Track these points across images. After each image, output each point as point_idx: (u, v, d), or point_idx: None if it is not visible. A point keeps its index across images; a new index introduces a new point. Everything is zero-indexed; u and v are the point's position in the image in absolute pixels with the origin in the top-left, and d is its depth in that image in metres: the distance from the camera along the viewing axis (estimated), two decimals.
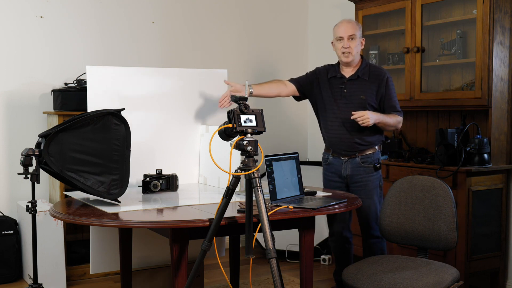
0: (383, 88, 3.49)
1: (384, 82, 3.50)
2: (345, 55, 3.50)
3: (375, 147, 3.55)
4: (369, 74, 3.52)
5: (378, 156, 3.56)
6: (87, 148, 2.80)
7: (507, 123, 3.89)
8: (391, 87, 3.52)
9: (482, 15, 3.75)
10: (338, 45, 3.53)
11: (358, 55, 3.55)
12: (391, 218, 3.15)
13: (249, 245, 2.49)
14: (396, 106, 3.53)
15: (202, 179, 3.65)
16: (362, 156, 3.52)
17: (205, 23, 5.12)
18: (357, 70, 3.54)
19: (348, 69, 3.57)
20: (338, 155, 3.58)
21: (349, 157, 3.54)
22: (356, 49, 3.50)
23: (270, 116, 5.41)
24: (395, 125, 3.51)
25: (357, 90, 3.51)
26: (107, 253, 3.52)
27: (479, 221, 3.77)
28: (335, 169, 3.60)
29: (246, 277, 4.17)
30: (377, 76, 3.51)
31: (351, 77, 3.54)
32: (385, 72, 3.55)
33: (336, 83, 3.58)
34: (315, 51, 5.59)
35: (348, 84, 3.54)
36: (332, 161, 3.61)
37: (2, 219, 4.17)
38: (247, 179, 2.47)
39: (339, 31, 3.52)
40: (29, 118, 4.42)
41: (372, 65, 3.59)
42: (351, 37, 3.49)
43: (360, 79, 3.52)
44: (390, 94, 3.51)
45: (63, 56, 4.52)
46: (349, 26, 3.50)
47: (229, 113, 2.50)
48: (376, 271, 2.84)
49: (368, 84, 3.50)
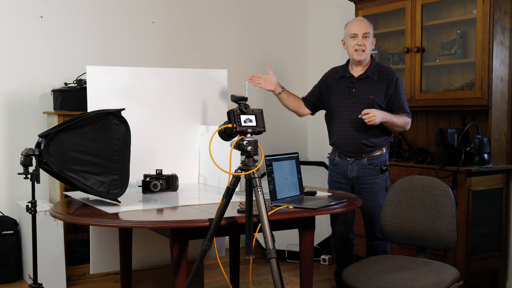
0: (392, 89, 3.47)
1: (393, 83, 3.48)
2: (358, 52, 3.47)
3: (383, 148, 3.53)
4: (379, 74, 3.50)
5: (385, 158, 3.53)
6: (87, 148, 2.80)
7: (507, 123, 3.89)
8: (400, 87, 3.50)
9: (482, 15, 3.75)
10: (351, 43, 3.49)
11: (369, 54, 3.54)
12: (391, 218, 3.15)
13: (249, 245, 2.49)
14: (405, 107, 3.50)
15: (202, 179, 3.65)
16: (369, 158, 3.50)
17: (205, 23, 5.12)
18: (366, 70, 3.52)
19: (358, 69, 3.55)
20: (344, 156, 3.56)
21: (355, 159, 3.52)
22: (369, 47, 3.49)
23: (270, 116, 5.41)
24: (402, 126, 3.47)
25: (365, 89, 3.49)
26: (107, 253, 3.52)
27: (479, 221, 3.77)
28: (341, 170, 3.58)
29: (246, 277, 4.17)
30: (387, 76, 3.49)
31: (360, 77, 3.53)
32: (395, 72, 3.53)
33: (345, 83, 3.56)
34: (315, 51, 5.59)
35: (356, 83, 3.52)
36: (339, 162, 3.59)
37: (2, 219, 4.17)
38: (247, 179, 2.47)
39: (353, 29, 3.49)
40: (29, 118, 4.42)
41: (382, 65, 3.57)
42: (365, 35, 3.47)
43: (369, 78, 3.51)
44: (399, 95, 3.49)
45: (63, 56, 4.52)
46: (364, 24, 3.49)
47: (229, 113, 2.50)
48: (376, 271, 2.84)
49: (377, 84, 3.48)
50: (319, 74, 5.67)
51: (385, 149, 3.55)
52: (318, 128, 5.17)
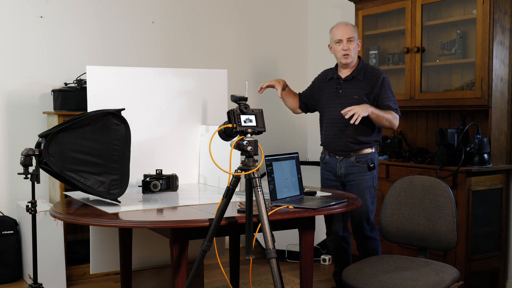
0: (378, 88, 3.51)
1: (379, 83, 3.52)
2: (345, 56, 3.56)
3: (371, 148, 3.56)
4: (365, 74, 3.57)
5: (372, 157, 3.56)
6: (87, 148, 2.80)
7: (507, 123, 3.89)
8: (386, 87, 3.52)
9: (482, 15, 3.75)
10: (337, 48, 3.58)
11: (356, 56, 3.61)
12: (391, 218, 3.15)
13: (249, 245, 2.49)
14: (391, 105, 3.50)
15: (202, 179, 3.65)
16: (357, 156, 3.54)
17: (205, 23, 5.12)
18: (352, 71, 3.60)
19: (345, 70, 3.63)
20: (334, 154, 3.62)
21: (344, 157, 3.57)
22: (354, 50, 3.56)
23: (270, 116, 5.41)
24: (389, 120, 3.43)
25: (351, 90, 3.56)
26: (107, 253, 3.52)
27: (479, 221, 3.77)
28: (331, 167, 3.64)
29: (246, 277, 4.17)
30: (372, 77, 3.55)
31: (347, 78, 3.61)
32: (381, 72, 3.58)
33: (333, 84, 3.65)
34: (315, 51, 5.59)
35: (343, 84, 3.60)
36: (328, 160, 3.66)
37: (2, 219, 4.17)
38: (247, 179, 2.47)
39: (337, 34, 3.57)
40: (29, 118, 4.42)
41: (369, 66, 3.65)
42: (349, 39, 3.55)
43: (355, 79, 3.58)
44: (385, 94, 3.51)
45: (63, 56, 4.52)
46: (347, 29, 3.56)
47: (229, 113, 2.50)
48: (376, 271, 2.84)
49: (363, 84, 3.54)
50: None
51: (374, 148, 3.58)
52: (318, 128, 5.16)
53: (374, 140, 3.57)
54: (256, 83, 5.30)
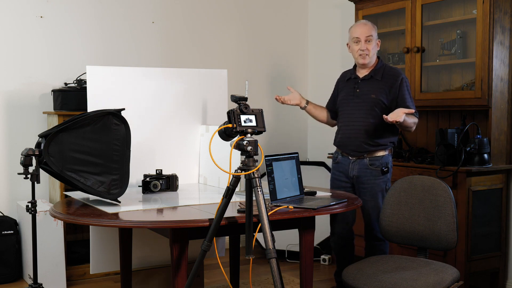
0: (396, 89, 3.47)
1: (397, 83, 3.48)
2: (362, 56, 3.52)
3: (386, 150, 3.53)
4: (383, 74, 3.53)
5: (387, 160, 3.52)
6: (87, 148, 2.80)
7: (507, 123, 3.89)
8: (405, 88, 3.49)
9: (482, 15, 3.75)
10: (355, 47, 3.55)
11: (375, 56, 3.57)
12: (391, 218, 3.15)
13: (249, 245, 2.49)
14: (411, 107, 3.44)
15: (202, 179, 3.65)
16: (371, 158, 3.50)
17: (205, 23, 5.12)
18: (371, 71, 3.56)
19: (364, 70, 3.60)
20: (347, 154, 3.58)
21: (357, 158, 3.53)
22: (373, 50, 3.52)
23: (270, 116, 5.40)
24: (411, 126, 3.41)
25: (368, 89, 3.52)
26: (107, 253, 3.52)
27: (479, 221, 3.77)
28: (343, 168, 3.60)
29: (246, 277, 4.17)
30: (391, 77, 3.51)
31: (364, 77, 3.57)
32: (400, 73, 3.53)
33: (351, 84, 3.63)
34: (315, 51, 5.59)
35: (361, 83, 3.57)
36: (341, 160, 3.62)
37: (2, 219, 4.17)
38: (247, 179, 2.47)
39: (355, 33, 3.53)
40: (29, 118, 4.42)
41: (388, 66, 3.60)
42: (368, 39, 3.50)
43: (372, 78, 3.54)
44: (403, 95, 3.47)
45: (63, 56, 4.52)
46: (366, 28, 3.52)
47: (229, 113, 2.50)
48: (376, 271, 2.84)
49: (381, 84, 3.50)
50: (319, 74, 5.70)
51: (388, 151, 3.54)
52: (318, 128, 5.17)
53: (390, 142, 3.54)
54: (256, 83, 5.31)
